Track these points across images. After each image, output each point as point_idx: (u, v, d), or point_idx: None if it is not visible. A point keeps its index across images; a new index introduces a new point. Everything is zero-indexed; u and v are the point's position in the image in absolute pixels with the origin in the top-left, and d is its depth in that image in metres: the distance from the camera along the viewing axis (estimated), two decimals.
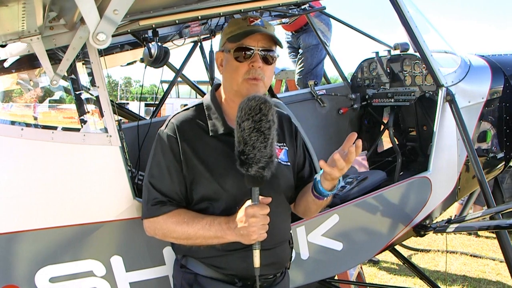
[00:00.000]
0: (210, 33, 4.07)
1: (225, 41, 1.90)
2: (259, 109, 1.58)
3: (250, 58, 1.83)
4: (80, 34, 1.99)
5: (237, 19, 1.94)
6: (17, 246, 2.04)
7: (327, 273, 2.73)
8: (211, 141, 1.85)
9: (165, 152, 1.84)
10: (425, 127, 3.76)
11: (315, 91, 4.02)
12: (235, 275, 1.85)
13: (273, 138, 1.63)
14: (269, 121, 1.60)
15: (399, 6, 2.85)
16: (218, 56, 1.97)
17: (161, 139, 1.86)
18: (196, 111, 1.93)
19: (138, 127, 3.20)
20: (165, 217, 1.81)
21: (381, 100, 3.92)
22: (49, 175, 2.05)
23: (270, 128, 1.61)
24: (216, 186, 1.81)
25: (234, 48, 1.84)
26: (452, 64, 3.31)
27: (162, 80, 4.12)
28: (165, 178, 1.83)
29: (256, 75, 1.82)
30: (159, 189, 1.83)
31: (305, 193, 1.98)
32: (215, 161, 1.83)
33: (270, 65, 1.87)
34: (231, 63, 1.86)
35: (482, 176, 2.78)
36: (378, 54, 3.83)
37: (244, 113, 1.59)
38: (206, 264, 1.86)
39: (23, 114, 4.37)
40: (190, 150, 1.82)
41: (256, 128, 1.59)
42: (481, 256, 6.28)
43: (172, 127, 1.86)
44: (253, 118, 1.58)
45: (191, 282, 1.87)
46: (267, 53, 1.85)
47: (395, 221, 2.82)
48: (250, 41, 1.82)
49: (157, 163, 1.86)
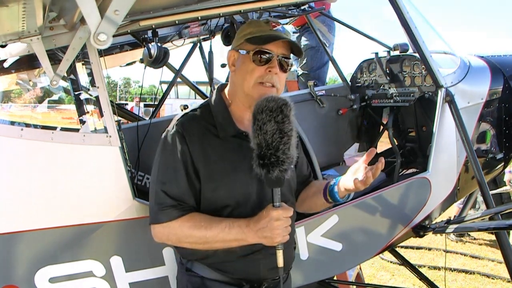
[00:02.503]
0: (210, 34, 4.07)
1: (242, 41, 1.84)
2: (280, 110, 1.57)
3: (269, 63, 1.79)
4: (80, 35, 1.99)
5: (258, 21, 1.91)
6: (17, 246, 2.05)
7: (327, 273, 2.73)
8: (219, 143, 1.80)
9: (174, 153, 1.77)
10: (424, 127, 3.76)
11: (314, 92, 4.03)
12: (243, 279, 1.84)
13: (295, 139, 1.62)
14: (291, 122, 1.59)
15: (398, 7, 2.85)
16: (231, 55, 1.90)
17: (169, 140, 1.79)
18: (203, 112, 1.87)
19: (137, 128, 3.21)
20: (180, 221, 1.74)
21: (380, 101, 3.92)
22: (48, 176, 2.05)
23: (292, 129, 1.59)
24: (226, 188, 1.78)
25: (254, 50, 1.79)
26: (452, 64, 3.32)
27: (162, 80, 4.13)
28: (175, 181, 1.76)
29: (272, 81, 1.79)
30: (170, 192, 1.75)
31: (312, 195, 2.00)
32: (224, 163, 1.79)
33: (284, 73, 1.85)
34: (247, 64, 1.81)
35: (482, 177, 2.78)
36: (377, 54, 3.83)
37: (265, 115, 1.56)
38: (213, 268, 1.83)
39: (23, 115, 4.37)
40: (200, 152, 1.77)
41: (280, 130, 1.56)
42: (481, 256, 6.29)
43: (180, 128, 1.79)
44: (275, 120, 1.56)
45: (197, 285, 1.84)
46: (285, 60, 1.83)
47: (395, 221, 2.82)
48: (271, 46, 1.79)
49: (166, 165, 1.79)
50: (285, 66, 1.83)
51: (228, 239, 1.71)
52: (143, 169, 3.33)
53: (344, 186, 1.80)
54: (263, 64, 1.79)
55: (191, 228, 1.73)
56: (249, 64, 1.80)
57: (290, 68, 1.87)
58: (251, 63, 1.80)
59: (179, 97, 20.91)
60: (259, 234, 1.67)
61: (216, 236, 1.71)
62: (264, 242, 1.69)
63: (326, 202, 1.91)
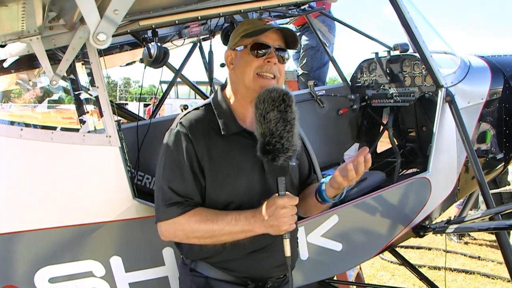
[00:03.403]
0: (210, 34, 4.07)
1: (238, 39, 1.89)
2: (282, 99, 1.61)
3: (266, 55, 1.83)
4: (80, 34, 1.99)
5: (252, 19, 1.97)
6: (17, 246, 2.04)
7: (327, 273, 2.73)
8: (222, 140, 1.82)
9: (178, 151, 1.78)
10: (424, 127, 3.76)
11: (314, 92, 4.02)
12: (248, 277, 1.84)
13: (297, 128, 1.65)
14: (294, 111, 1.62)
15: (399, 7, 2.85)
16: (228, 55, 1.94)
17: (174, 138, 1.81)
18: (206, 111, 1.90)
19: (137, 128, 3.21)
20: (186, 216, 1.75)
21: (380, 101, 3.92)
22: (48, 176, 2.05)
23: (295, 118, 1.63)
24: (230, 186, 1.79)
25: (250, 43, 1.84)
26: (452, 64, 3.31)
27: (162, 80, 4.13)
28: (180, 178, 1.77)
29: (272, 71, 1.83)
30: (175, 189, 1.76)
31: (307, 196, 1.99)
32: (228, 161, 1.80)
33: (283, 64, 1.89)
34: (245, 58, 1.85)
35: (482, 177, 2.78)
36: (377, 54, 3.83)
37: (268, 105, 1.60)
38: (218, 267, 1.84)
39: (23, 115, 4.37)
40: (204, 150, 1.78)
41: (283, 118, 1.60)
42: (480, 256, 6.28)
43: (183, 126, 1.81)
44: (278, 109, 1.60)
45: (202, 285, 1.84)
46: (281, 52, 1.87)
47: (395, 221, 2.82)
48: (267, 38, 1.84)
49: (171, 162, 1.80)
50: (282, 58, 1.88)
51: (235, 231, 1.72)
52: (143, 169, 3.33)
53: (330, 183, 1.81)
54: (261, 56, 1.83)
55: (198, 222, 1.74)
56: (248, 57, 1.85)
57: (287, 59, 1.91)
58: (249, 56, 1.84)
59: (179, 97, 20.92)
60: (266, 223, 1.67)
61: (223, 229, 1.72)
62: (271, 231, 1.69)
63: (317, 203, 1.90)
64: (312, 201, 1.93)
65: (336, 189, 1.79)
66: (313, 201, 1.91)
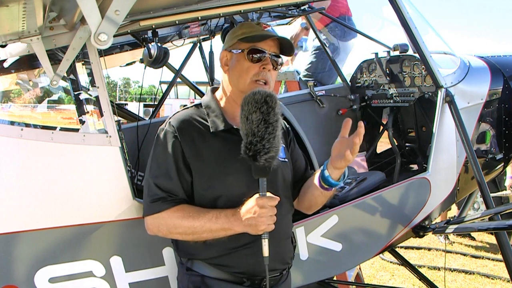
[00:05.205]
0: (210, 34, 4.07)
1: (235, 41, 1.94)
2: (264, 101, 1.64)
3: (262, 61, 1.90)
4: (80, 35, 1.99)
5: (250, 22, 2.04)
6: (17, 246, 2.04)
7: (326, 273, 2.73)
8: (211, 138, 1.88)
9: (166, 149, 1.86)
10: (424, 128, 3.76)
11: (314, 92, 4.03)
12: (243, 273, 1.86)
13: (280, 131, 1.68)
14: (276, 114, 1.66)
15: (398, 7, 2.85)
16: (223, 55, 2.00)
17: (162, 137, 1.89)
18: (196, 110, 1.97)
19: (137, 128, 3.20)
20: (169, 212, 1.82)
21: (380, 101, 3.93)
22: (48, 176, 2.05)
23: (277, 121, 1.66)
24: (218, 182, 1.84)
25: (248, 48, 1.90)
26: (451, 65, 3.32)
27: (162, 80, 4.12)
28: (165, 175, 1.84)
29: (266, 78, 1.90)
30: (160, 186, 1.84)
31: (310, 188, 2.02)
32: (216, 157, 1.86)
33: (275, 71, 1.97)
34: (241, 62, 1.92)
35: (481, 177, 2.78)
36: (377, 55, 3.83)
37: (251, 106, 1.64)
38: (213, 265, 1.87)
39: (23, 115, 4.37)
40: (191, 147, 1.85)
41: (265, 120, 1.64)
42: (480, 256, 6.29)
43: (172, 125, 1.89)
44: (260, 110, 1.63)
45: (198, 284, 1.87)
46: (275, 58, 1.94)
47: (394, 222, 2.82)
48: (264, 45, 1.91)
49: (158, 160, 1.88)
50: (276, 64, 1.96)
51: (215, 228, 1.77)
52: (143, 169, 3.32)
53: (333, 164, 1.85)
54: (257, 62, 1.90)
55: (180, 218, 1.80)
56: (244, 62, 1.91)
57: (281, 66, 1.98)
58: (245, 61, 1.91)
59: (179, 97, 20.93)
60: (245, 222, 1.72)
61: (203, 226, 1.78)
62: (249, 230, 1.73)
63: (323, 190, 1.92)
64: (317, 191, 1.96)
65: (340, 169, 1.85)
66: (318, 190, 1.94)
